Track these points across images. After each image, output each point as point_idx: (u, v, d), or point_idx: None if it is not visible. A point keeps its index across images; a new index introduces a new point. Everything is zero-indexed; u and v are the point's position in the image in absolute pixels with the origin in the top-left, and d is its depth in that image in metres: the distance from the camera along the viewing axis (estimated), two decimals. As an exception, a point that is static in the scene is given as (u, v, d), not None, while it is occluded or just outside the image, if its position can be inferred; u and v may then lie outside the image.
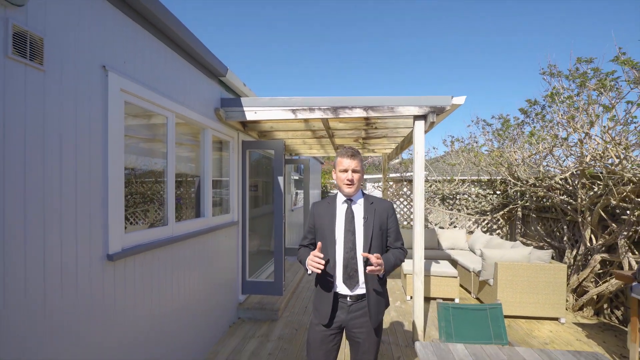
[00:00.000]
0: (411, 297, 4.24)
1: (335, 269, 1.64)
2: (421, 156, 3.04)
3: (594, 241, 3.94)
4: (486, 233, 6.60)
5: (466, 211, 6.96)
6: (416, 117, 3.06)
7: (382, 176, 7.09)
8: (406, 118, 3.26)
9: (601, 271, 3.86)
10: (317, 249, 1.54)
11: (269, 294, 3.76)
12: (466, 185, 7.10)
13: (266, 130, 4.22)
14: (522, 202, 5.75)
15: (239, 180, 3.74)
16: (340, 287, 1.65)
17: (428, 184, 7.39)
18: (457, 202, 7.12)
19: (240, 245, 3.77)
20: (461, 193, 7.10)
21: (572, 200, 4.23)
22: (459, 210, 7.06)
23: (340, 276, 1.64)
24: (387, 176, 7.18)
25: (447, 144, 7.59)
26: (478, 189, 7.01)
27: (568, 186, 4.34)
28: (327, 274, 1.65)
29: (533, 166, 4.91)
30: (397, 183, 7.49)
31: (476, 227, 6.79)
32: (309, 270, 1.60)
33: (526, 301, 3.69)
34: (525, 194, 5.66)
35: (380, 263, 1.47)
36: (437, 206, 7.20)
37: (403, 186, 7.43)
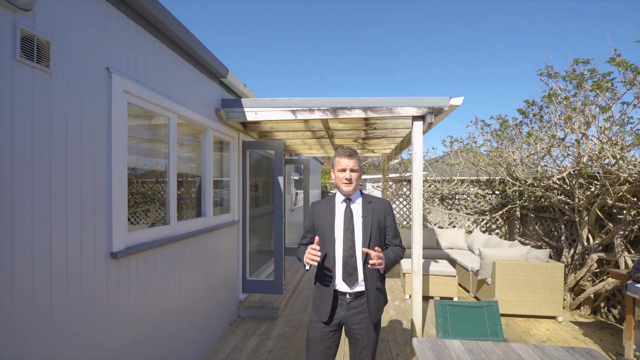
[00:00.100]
0: (410, 296, 4.27)
1: (334, 267, 1.68)
2: (419, 156, 3.08)
3: (591, 240, 3.98)
4: (485, 233, 6.63)
5: (465, 211, 7.00)
6: (414, 118, 3.10)
7: (382, 176, 7.12)
8: (405, 119, 3.30)
9: (598, 270, 3.90)
10: (315, 243, 1.59)
11: (269, 293, 3.79)
12: (465, 185, 7.14)
13: (266, 130, 4.26)
14: (521, 202, 5.78)
15: (240, 180, 3.78)
16: (339, 285, 1.68)
17: (427, 184, 7.43)
18: (456, 202, 7.15)
19: (240, 244, 3.80)
20: (460, 193, 7.14)
21: (570, 200, 4.27)
22: (458, 210, 7.10)
23: (339, 274, 1.68)
24: (387, 176, 7.21)
25: (447, 144, 7.64)
26: (477, 189, 7.04)
27: (565, 186, 4.37)
28: (327, 272, 1.69)
29: (531, 166, 4.95)
30: (397, 183, 7.52)
31: (475, 227, 6.83)
32: (307, 265, 1.65)
33: (524, 300, 3.72)
34: (523, 194, 5.70)
35: (380, 256, 1.51)
36: (436, 206, 7.23)
37: (402, 186, 7.46)
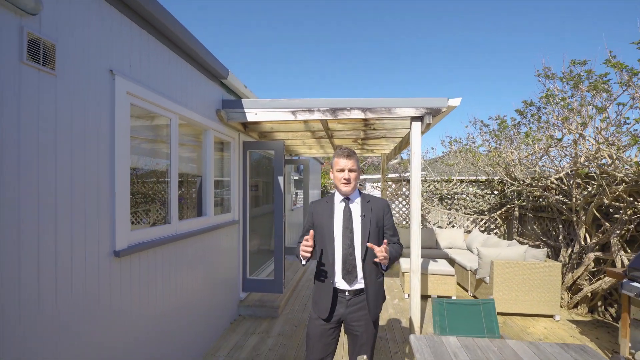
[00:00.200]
0: (409, 295, 4.30)
1: (334, 265, 1.72)
2: (418, 156, 3.12)
3: (588, 240, 4.01)
4: (484, 232, 6.67)
5: (464, 211, 7.03)
6: (413, 119, 3.14)
7: (381, 176, 7.15)
8: (403, 119, 3.34)
9: (595, 269, 3.93)
10: (310, 237, 1.63)
11: (270, 292, 3.83)
12: (464, 185, 7.18)
13: (266, 131, 4.29)
14: (519, 202, 5.82)
15: (240, 180, 3.81)
16: (339, 283, 1.72)
17: (426, 184, 7.46)
18: (455, 202, 7.19)
19: (241, 243, 3.84)
20: (459, 193, 7.17)
21: (567, 199, 4.30)
22: (457, 209, 7.13)
23: (339, 272, 1.71)
24: (386, 176, 7.24)
25: (446, 145, 7.68)
26: (476, 189, 7.08)
27: (563, 186, 4.41)
28: (326, 270, 1.73)
29: (529, 166, 4.99)
30: (396, 183, 7.55)
31: (474, 227, 6.86)
32: (303, 260, 1.69)
33: (521, 299, 3.76)
34: (522, 194, 5.74)
35: (386, 249, 1.57)
36: (436, 206, 7.27)
37: (402, 186, 7.48)
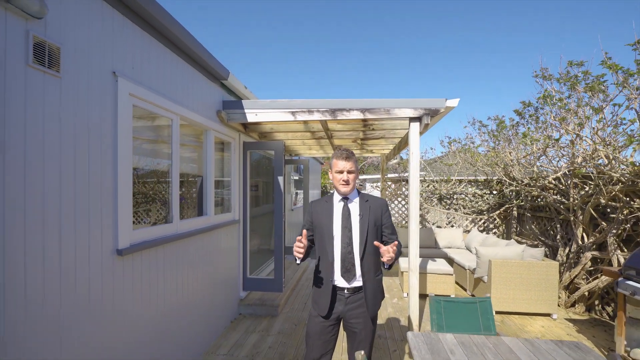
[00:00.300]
0: (408, 294, 4.34)
1: (333, 264, 1.75)
2: (416, 156, 3.15)
3: (586, 239, 4.05)
4: (483, 232, 6.71)
5: (463, 210, 7.07)
6: (411, 119, 3.17)
7: (381, 176, 7.19)
8: (402, 120, 3.37)
9: (592, 268, 3.97)
10: (303, 236, 1.66)
11: (270, 291, 3.86)
12: (463, 185, 7.21)
13: (266, 131, 4.32)
14: (517, 202, 5.86)
15: (240, 180, 3.84)
16: (338, 280, 1.75)
17: (426, 184, 7.49)
18: (454, 202, 7.22)
19: (241, 243, 3.87)
20: (458, 193, 7.21)
21: (565, 199, 4.34)
22: (456, 209, 7.17)
23: (338, 270, 1.74)
24: (386, 176, 7.27)
25: (445, 145, 7.71)
26: (475, 189, 7.12)
27: (561, 186, 4.45)
28: (325, 268, 1.76)
29: (527, 166, 5.03)
30: (396, 183, 7.58)
31: (473, 226, 6.90)
32: (297, 260, 1.72)
33: (519, 297, 3.79)
34: (520, 194, 5.78)
35: (394, 250, 1.59)
36: (435, 206, 7.30)
37: (401, 186, 7.51)
